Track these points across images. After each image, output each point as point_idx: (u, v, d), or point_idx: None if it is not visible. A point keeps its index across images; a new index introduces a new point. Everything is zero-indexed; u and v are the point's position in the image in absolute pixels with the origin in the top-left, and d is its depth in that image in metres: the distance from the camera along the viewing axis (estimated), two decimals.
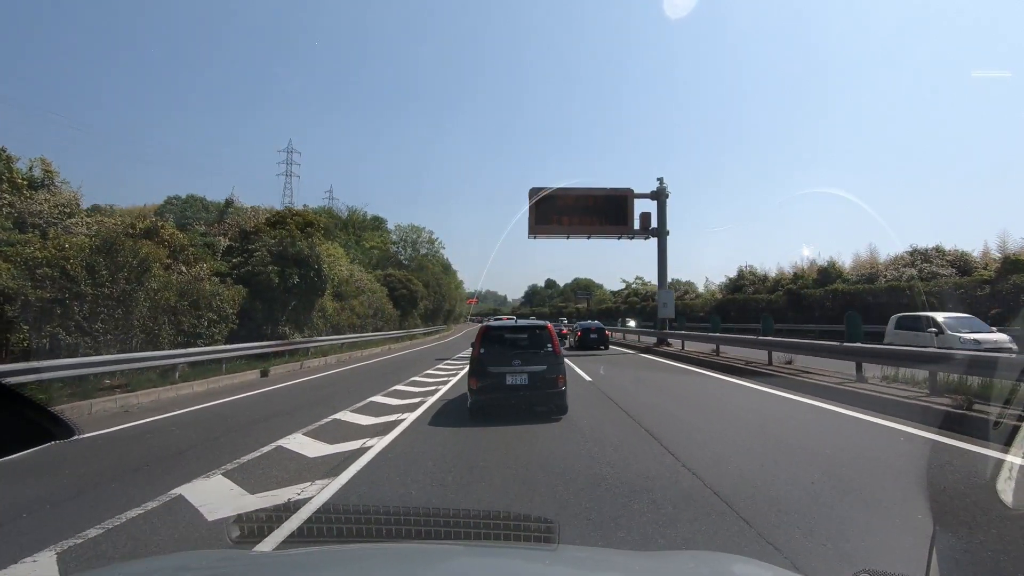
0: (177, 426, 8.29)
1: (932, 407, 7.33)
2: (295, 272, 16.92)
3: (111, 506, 4.46)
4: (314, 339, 20.24)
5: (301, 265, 17.10)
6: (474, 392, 7.80)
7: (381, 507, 3.09)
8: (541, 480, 4.95)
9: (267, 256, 16.17)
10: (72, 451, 6.47)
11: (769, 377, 11.93)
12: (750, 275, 47.89)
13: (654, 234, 24.75)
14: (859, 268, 35.49)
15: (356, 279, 28.79)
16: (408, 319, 37.68)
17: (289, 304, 17.40)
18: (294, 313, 18.37)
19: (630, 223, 24.39)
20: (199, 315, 13.58)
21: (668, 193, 24.79)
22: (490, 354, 7.97)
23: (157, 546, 3.67)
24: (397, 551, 1.95)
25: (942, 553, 3.23)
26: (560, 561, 1.72)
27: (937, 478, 4.79)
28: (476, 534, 2.41)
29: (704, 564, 1.76)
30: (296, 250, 16.60)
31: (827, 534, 3.59)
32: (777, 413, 8.33)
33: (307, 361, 18.64)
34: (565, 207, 24.45)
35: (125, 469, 5.80)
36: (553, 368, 7.84)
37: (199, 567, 1.69)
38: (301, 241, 16.77)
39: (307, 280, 17.68)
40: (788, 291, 38.53)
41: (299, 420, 8.35)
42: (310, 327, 20.50)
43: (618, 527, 3.78)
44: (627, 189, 24.54)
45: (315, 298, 19.64)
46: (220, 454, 6.28)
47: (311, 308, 19.90)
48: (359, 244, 50.46)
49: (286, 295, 16.99)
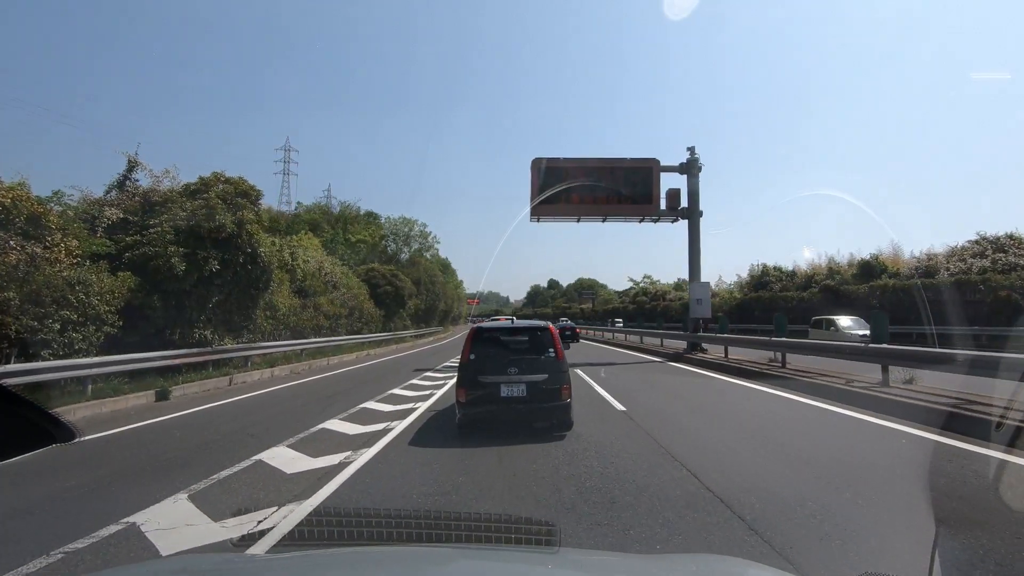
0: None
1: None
2: (214, 256, 12.47)
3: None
4: (256, 345, 15.79)
5: (224, 248, 12.67)
6: (463, 406, 6.88)
7: (381, 510, 3.12)
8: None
9: (169, 234, 11.74)
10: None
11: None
12: (775, 272, 43.76)
13: (684, 215, 20.24)
14: (909, 262, 31.00)
15: (327, 272, 24.33)
16: (394, 320, 33.20)
17: (210, 300, 12.97)
18: (223, 312, 13.93)
19: (655, 202, 19.86)
20: (44, 313, 9.16)
21: (701, 166, 20.30)
22: (482, 360, 6.98)
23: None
24: (397, 554, 1.98)
25: (944, 555, 3.20)
26: (561, 564, 1.71)
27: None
28: (477, 537, 2.40)
29: (706, 567, 1.76)
30: (213, 226, 12.16)
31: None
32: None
33: (245, 374, 14.24)
34: (575, 183, 19.95)
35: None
36: (556, 377, 6.89)
37: (199, 570, 1.71)
38: (223, 214, 12.37)
39: (235, 268, 13.25)
40: (825, 287, 34.11)
41: (143, 493, 4.81)
42: (252, 330, 16.06)
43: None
44: (652, 160, 20.02)
45: (255, 293, 15.21)
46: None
47: (251, 305, 15.46)
48: (346, 239, 46.09)
49: (203, 288, 12.57)
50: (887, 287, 29.06)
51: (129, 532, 3.96)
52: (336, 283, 24.94)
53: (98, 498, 4.82)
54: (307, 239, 28.92)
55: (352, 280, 27.86)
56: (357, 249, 44.75)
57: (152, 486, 5.03)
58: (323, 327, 22.19)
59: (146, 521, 4.15)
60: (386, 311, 31.28)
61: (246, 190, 14.07)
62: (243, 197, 13.78)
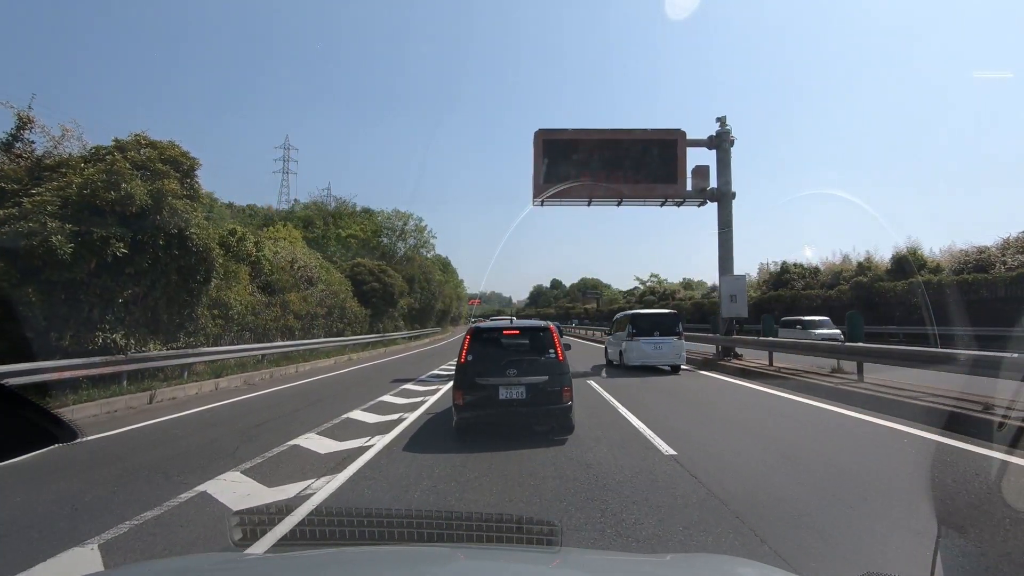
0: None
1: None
2: (119, 237, 9.48)
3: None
4: (196, 352, 12.81)
5: (134, 227, 9.67)
6: (460, 409, 6.54)
7: (382, 510, 2.97)
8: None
9: (52, 205, 8.68)
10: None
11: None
12: (797, 268, 40.74)
13: (713, 197, 17.23)
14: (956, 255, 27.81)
15: (301, 266, 21.33)
16: (383, 320, 30.19)
17: (120, 294, 9.98)
18: (143, 310, 10.94)
19: (681, 181, 16.82)
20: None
21: (733, 139, 17.28)
22: (480, 362, 6.69)
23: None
24: (398, 553, 1.96)
25: (946, 555, 3.20)
26: (563, 564, 1.71)
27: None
28: (478, 536, 2.24)
29: (708, 567, 1.75)
30: (117, 197, 9.13)
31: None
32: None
33: (177, 388, 11.27)
34: (586, 159, 16.94)
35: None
36: (557, 378, 6.58)
37: (199, 570, 1.70)
38: (132, 182, 9.35)
39: (154, 254, 10.27)
40: (856, 285, 31.07)
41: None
42: (193, 332, 13.09)
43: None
44: (676, 131, 16.96)
45: (195, 287, 12.23)
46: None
47: (191, 302, 12.48)
48: (337, 235, 43.11)
49: (107, 278, 9.60)
50: (932, 283, 26.03)
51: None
52: (312, 278, 21.95)
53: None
54: (284, 230, 25.95)
55: (333, 275, 24.86)
56: (348, 244, 41.74)
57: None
58: (294, 328, 19.21)
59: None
60: (373, 310, 28.26)
61: (175, 157, 11.05)
62: (170, 165, 10.79)
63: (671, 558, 2.38)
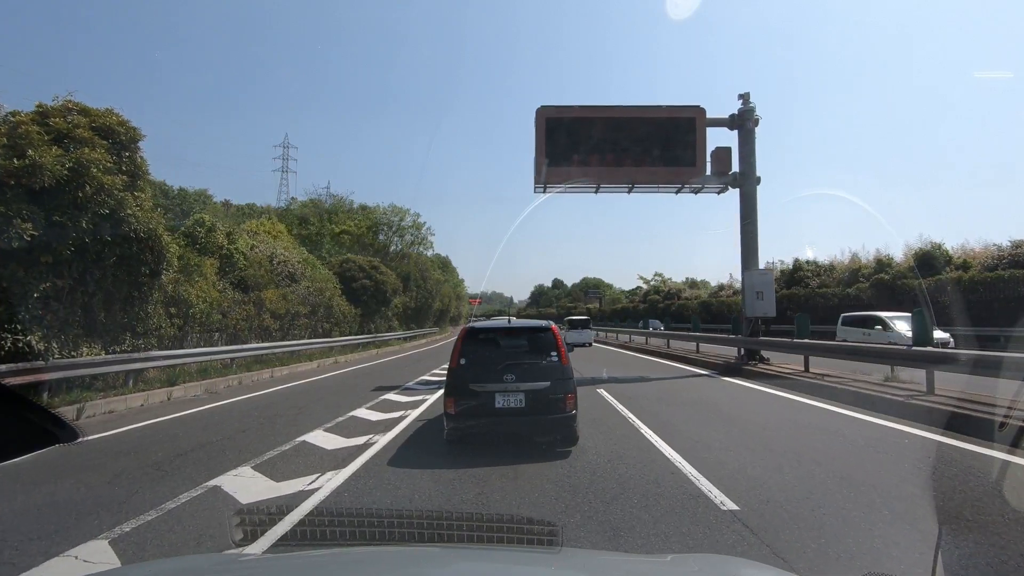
0: None
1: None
2: (27, 216, 7.72)
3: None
4: (144, 356, 11.06)
5: (50, 204, 7.92)
6: (451, 418, 5.99)
7: (382, 510, 2.95)
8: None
9: None
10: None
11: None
12: (810, 266, 39.03)
13: (735, 183, 15.46)
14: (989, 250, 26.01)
15: (281, 261, 19.56)
16: (375, 320, 28.42)
17: (34, 287, 8.24)
18: (70, 307, 9.19)
19: (700, 164, 15.03)
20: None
21: (758, 118, 15.52)
22: (473, 366, 6.11)
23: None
24: (398, 554, 1.95)
25: (947, 555, 3.10)
26: (563, 564, 1.68)
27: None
28: (478, 537, 2.24)
29: (709, 568, 1.71)
30: (21, 166, 7.39)
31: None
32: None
33: (117, 399, 9.55)
34: (594, 140, 15.15)
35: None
36: (559, 384, 5.96)
37: (199, 570, 1.68)
38: (42, 148, 7.61)
39: (80, 239, 8.51)
40: (877, 282, 29.30)
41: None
42: (143, 334, 11.34)
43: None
44: (695, 108, 15.17)
45: (144, 280, 10.48)
46: None
47: (138, 298, 10.72)
48: (331, 232, 41.36)
49: (15, 266, 7.85)
50: (963, 280, 24.29)
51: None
52: (295, 274, 20.19)
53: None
54: (268, 224, 24.22)
55: (320, 272, 23.11)
56: (341, 241, 39.97)
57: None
58: (271, 329, 17.45)
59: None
60: (364, 310, 26.49)
61: (109, 125, 9.29)
62: (101, 134, 9.03)
63: (671, 558, 2.39)
